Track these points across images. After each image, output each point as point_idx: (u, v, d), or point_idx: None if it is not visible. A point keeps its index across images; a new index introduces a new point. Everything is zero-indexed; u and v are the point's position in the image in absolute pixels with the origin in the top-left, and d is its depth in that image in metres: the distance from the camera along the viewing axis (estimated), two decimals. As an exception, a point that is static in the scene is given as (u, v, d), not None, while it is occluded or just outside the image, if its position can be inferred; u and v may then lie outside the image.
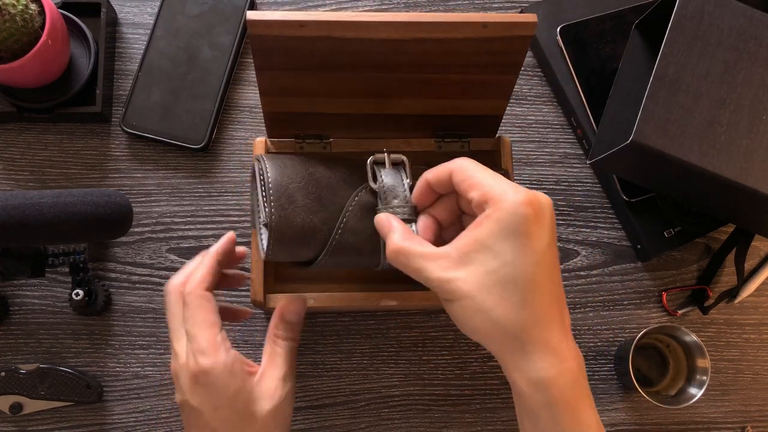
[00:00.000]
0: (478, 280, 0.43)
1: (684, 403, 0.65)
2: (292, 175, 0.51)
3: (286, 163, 0.52)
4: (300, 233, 0.51)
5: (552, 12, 0.74)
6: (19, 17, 0.60)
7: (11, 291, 0.69)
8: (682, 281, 0.73)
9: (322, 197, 0.52)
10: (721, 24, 0.58)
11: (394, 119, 0.61)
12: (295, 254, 0.52)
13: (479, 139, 0.63)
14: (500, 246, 0.42)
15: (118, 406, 0.68)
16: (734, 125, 0.57)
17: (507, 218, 0.42)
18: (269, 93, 0.56)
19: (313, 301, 0.58)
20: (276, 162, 0.52)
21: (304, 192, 0.51)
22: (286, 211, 0.50)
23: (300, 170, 0.52)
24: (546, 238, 0.43)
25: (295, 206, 0.50)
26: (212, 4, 0.73)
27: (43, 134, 0.71)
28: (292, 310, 0.53)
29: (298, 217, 0.50)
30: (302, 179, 0.52)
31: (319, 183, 0.52)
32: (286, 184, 0.51)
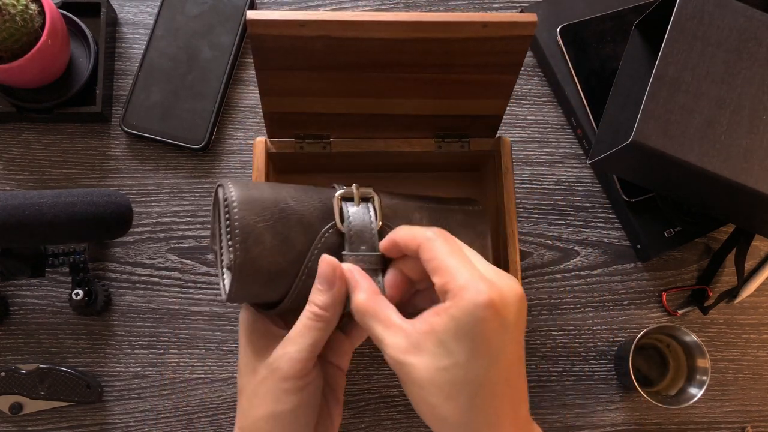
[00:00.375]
0: (429, 374, 0.41)
1: (684, 403, 0.65)
2: (261, 212, 0.47)
3: (255, 198, 0.47)
4: (266, 277, 0.47)
5: (552, 12, 0.74)
6: (19, 17, 0.60)
7: (11, 291, 0.69)
8: (682, 281, 0.73)
9: (289, 237, 0.47)
10: (721, 24, 0.58)
11: (394, 119, 0.61)
12: (258, 297, 0.49)
13: (479, 139, 0.63)
14: (454, 345, 0.41)
15: (118, 406, 0.68)
16: (734, 125, 0.57)
17: (463, 319, 0.40)
18: (269, 93, 0.56)
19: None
20: (245, 195, 0.47)
21: (273, 232, 0.47)
22: (251, 254, 0.46)
23: (269, 205, 0.47)
24: (506, 340, 0.41)
25: (263, 248, 0.46)
26: (212, 4, 0.73)
27: (43, 134, 0.71)
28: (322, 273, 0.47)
29: (265, 260, 0.46)
30: (271, 216, 0.47)
31: (289, 221, 0.47)
32: (254, 224, 0.46)
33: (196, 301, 0.69)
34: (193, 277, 0.70)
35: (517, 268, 0.61)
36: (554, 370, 0.71)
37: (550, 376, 0.71)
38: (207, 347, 0.69)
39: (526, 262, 0.72)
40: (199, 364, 0.69)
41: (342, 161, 0.65)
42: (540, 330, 0.71)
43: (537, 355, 0.71)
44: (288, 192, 0.49)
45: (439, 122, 0.61)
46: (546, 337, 0.71)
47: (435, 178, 0.70)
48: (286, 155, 0.63)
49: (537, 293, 0.72)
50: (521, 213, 0.73)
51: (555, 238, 0.73)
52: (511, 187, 0.62)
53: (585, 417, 0.70)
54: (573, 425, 0.70)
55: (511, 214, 0.61)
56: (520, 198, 0.73)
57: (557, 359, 0.71)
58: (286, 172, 0.67)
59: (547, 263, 0.72)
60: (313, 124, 0.60)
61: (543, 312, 0.72)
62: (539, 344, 0.71)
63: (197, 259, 0.70)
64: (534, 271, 0.72)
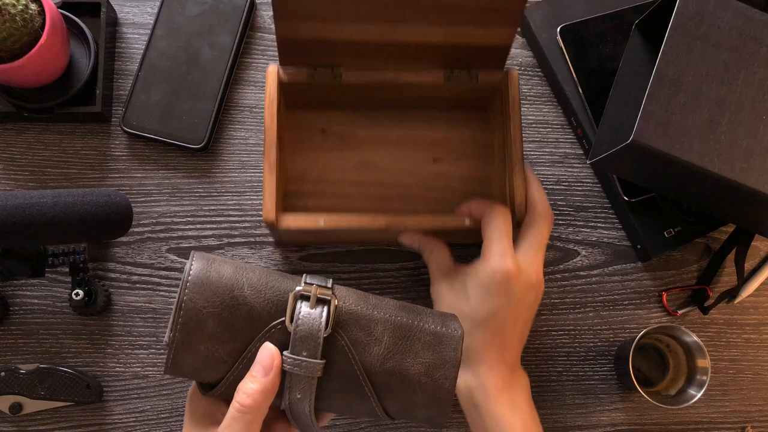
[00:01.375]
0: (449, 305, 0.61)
1: (684, 403, 0.65)
2: (212, 297, 0.47)
3: (210, 281, 0.48)
4: (200, 362, 0.48)
5: (552, 12, 0.74)
6: (19, 17, 0.60)
7: (11, 291, 0.69)
8: (682, 281, 0.73)
9: (234, 327, 0.47)
10: (721, 24, 0.58)
11: (403, 49, 0.62)
12: (193, 376, 0.49)
13: (488, 72, 0.64)
14: (470, 290, 0.59)
15: (118, 406, 0.68)
16: (734, 125, 0.57)
17: (483, 276, 0.58)
18: (284, 16, 0.57)
19: (323, 222, 0.60)
20: (201, 277, 0.48)
21: (217, 320, 0.47)
22: (190, 338, 0.47)
23: (222, 292, 0.48)
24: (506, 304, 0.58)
25: (202, 334, 0.47)
26: (212, 4, 0.73)
27: (43, 134, 0.71)
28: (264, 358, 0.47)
29: (202, 345, 0.47)
30: (221, 303, 0.47)
31: (238, 310, 0.48)
32: (201, 308, 0.47)
33: (196, 301, 0.69)
34: (193, 277, 0.70)
35: (522, 193, 0.62)
36: (554, 370, 0.71)
37: (550, 376, 0.71)
38: (207, 347, 0.69)
39: (526, 262, 0.72)
40: (199, 364, 0.69)
41: (351, 96, 0.67)
42: (540, 330, 0.71)
43: (537, 355, 0.71)
44: (249, 279, 0.49)
45: (447, 53, 0.62)
46: (546, 337, 0.71)
47: (443, 117, 0.71)
48: (297, 87, 0.64)
49: (537, 293, 0.72)
50: (521, 213, 0.73)
51: (555, 238, 0.73)
52: (518, 116, 0.63)
53: (585, 417, 0.70)
54: (573, 425, 0.70)
55: (517, 143, 0.63)
56: (520, 198, 0.73)
57: (557, 359, 0.71)
58: (295, 107, 0.69)
59: (547, 263, 0.72)
60: (326, 53, 0.61)
61: (543, 312, 0.72)
62: (539, 344, 0.71)
63: (197, 259, 0.70)
64: (534, 271, 0.72)
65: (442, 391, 0.50)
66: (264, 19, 0.75)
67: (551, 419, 0.70)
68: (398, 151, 0.70)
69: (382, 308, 0.51)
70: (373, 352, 0.49)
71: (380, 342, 0.50)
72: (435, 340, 0.51)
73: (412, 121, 0.71)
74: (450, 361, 0.50)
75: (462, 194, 0.70)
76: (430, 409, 0.50)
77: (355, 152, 0.70)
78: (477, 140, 0.71)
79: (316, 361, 0.47)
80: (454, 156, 0.71)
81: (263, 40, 0.74)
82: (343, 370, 0.49)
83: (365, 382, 0.49)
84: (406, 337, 0.50)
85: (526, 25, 0.74)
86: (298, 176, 0.69)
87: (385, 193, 0.70)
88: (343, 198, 0.69)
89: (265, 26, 0.75)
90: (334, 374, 0.49)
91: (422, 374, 0.50)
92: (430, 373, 0.50)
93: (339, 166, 0.70)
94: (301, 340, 0.47)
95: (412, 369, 0.50)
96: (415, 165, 0.70)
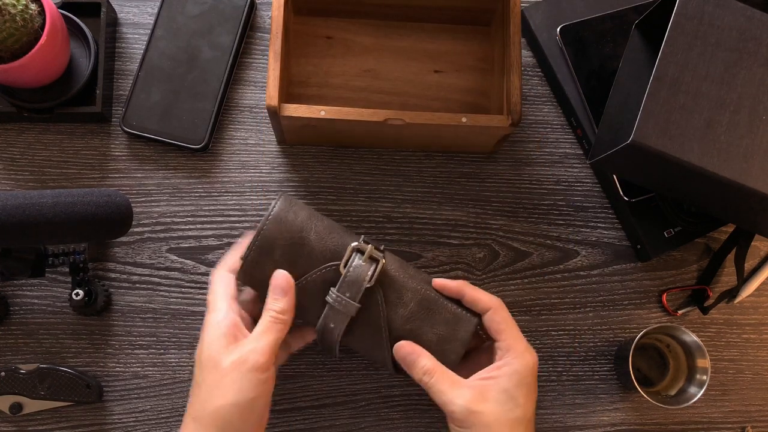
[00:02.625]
0: (496, 415, 0.55)
1: (684, 403, 0.65)
2: (284, 232, 0.59)
3: (287, 220, 0.59)
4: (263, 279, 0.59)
5: (552, 12, 0.74)
6: (19, 17, 0.60)
7: (11, 291, 0.69)
8: (682, 281, 0.73)
9: (295, 260, 0.58)
10: (721, 24, 0.58)
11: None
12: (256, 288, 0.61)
13: None
14: (515, 391, 0.56)
15: (118, 406, 0.68)
16: (734, 125, 0.57)
17: (524, 372, 0.57)
18: None
19: (323, 112, 0.62)
20: (281, 215, 0.59)
21: (283, 251, 0.58)
22: (260, 258, 0.58)
23: (295, 230, 0.59)
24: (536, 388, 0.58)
25: (269, 258, 0.58)
26: (212, 4, 0.73)
27: (43, 134, 0.71)
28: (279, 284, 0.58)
29: (267, 268, 0.58)
30: (290, 239, 0.58)
31: (302, 248, 0.59)
32: (274, 239, 0.58)
33: (196, 301, 0.69)
34: (193, 277, 0.70)
35: (519, 93, 0.64)
36: (554, 370, 0.71)
37: (550, 376, 0.71)
38: (207, 347, 0.69)
39: (526, 262, 0.72)
40: (199, 364, 0.69)
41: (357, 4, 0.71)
42: (540, 330, 0.71)
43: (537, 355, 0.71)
44: (317, 226, 0.60)
45: None
46: (546, 337, 0.71)
47: (446, 30, 0.74)
48: None
49: (537, 293, 0.72)
50: (521, 213, 0.73)
51: (555, 238, 0.73)
52: (518, 20, 0.66)
53: (585, 417, 0.70)
54: (573, 425, 0.70)
55: (516, 45, 0.65)
56: (520, 198, 0.73)
57: (557, 359, 0.71)
58: (302, 13, 0.73)
59: (547, 263, 0.72)
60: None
61: (543, 312, 0.72)
62: (539, 344, 0.71)
63: (197, 259, 0.70)
64: (534, 271, 0.72)
65: (447, 362, 0.58)
66: (264, 19, 0.75)
67: (551, 419, 0.70)
68: (401, 60, 0.74)
69: (416, 279, 0.60)
70: (399, 312, 0.59)
71: (407, 306, 0.59)
72: (453, 319, 0.60)
73: (415, 33, 0.74)
74: (461, 339, 0.59)
75: (461, 105, 0.73)
76: None
77: (358, 59, 0.73)
78: (478, 54, 0.74)
79: (355, 303, 0.58)
80: (455, 68, 0.74)
81: (263, 40, 0.74)
82: (371, 319, 0.59)
83: (386, 334, 0.59)
84: (429, 309, 0.59)
85: (526, 25, 0.74)
86: (303, 80, 0.73)
87: (386, 100, 0.73)
88: (344, 102, 0.72)
89: (265, 26, 0.75)
90: (364, 320, 0.59)
91: (434, 342, 0.59)
92: (440, 344, 0.59)
93: (342, 72, 0.73)
94: (348, 284, 0.58)
95: (426, 336, 0.59)
96: (417, 75, 0.73)
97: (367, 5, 0.71)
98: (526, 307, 0.71)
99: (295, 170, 0.72)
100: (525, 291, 0.72)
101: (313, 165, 0.72)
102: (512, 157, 0.74)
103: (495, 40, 0.72)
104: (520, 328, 0.70)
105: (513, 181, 0.73)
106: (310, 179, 0.72)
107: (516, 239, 0.72)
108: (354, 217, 0.72)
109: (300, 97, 0.72)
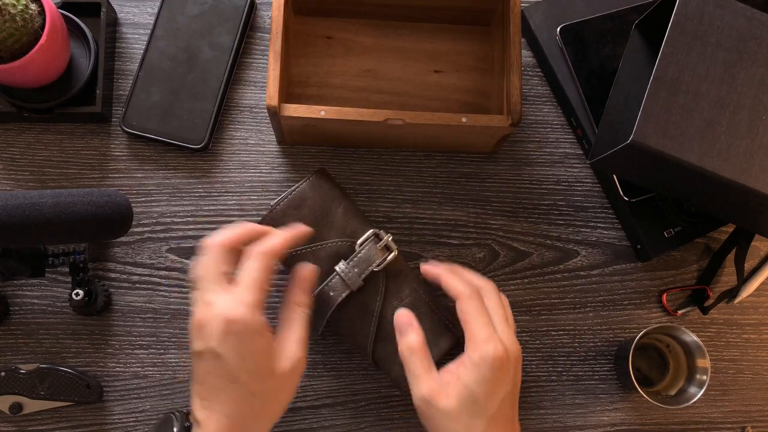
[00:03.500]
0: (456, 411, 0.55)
1: (684, 403, 0.65)
2: (317, 197, 0.64)
3: (323, 187, 0.65)
4: None
5: (552, 12, 0.74)
6: (19, 17, 0.60)
7: (11, 291, 0.69)
8: (682, 281, 0.73)
9: (316, 225, 0.63)
10: (721, 24, 0.58)
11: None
12: None
13: None
14: (476, 388, 0.55)
15: (118, 406, 0.68)
16: (734, 125, 0.57)
17: (483, 366, 0.55)
18: None
19: (323, 112, 0.62)
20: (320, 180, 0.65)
21: (310, 212, 0.64)
22: (288, 210, 0.64)
23: (326, 199, 0.64)
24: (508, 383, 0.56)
25: (295, 214, 0.63)
26: (212, 4, 0.73)
27: (43, 134, 0.71)
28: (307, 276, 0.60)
29: (290, 222, 0.62)
30: (320, 205, 0.64)
31: (327, 217, 0.64)
32: (306, 197, 0.64)
33: (196, 301, 0.69)
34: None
35: (519, 93, 0.64)
36: (554, 370, 0.71)
37: (550, 376, 0.71)
38: (207, 347, 0.69)
39: (526, 262, 0.72)
40: (199, 364, 0.69)
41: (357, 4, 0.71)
42: (540, 330, 0.71)
43: (537, 355, 0.71)
44: (346, 205, 0.65)
45: None
46: (546, 337, 0.71)
47: (446, 30, 0.75)
48: None
49: (537, 293, 0.72)
50: (521, 213, 0.73)
51: (555, 238, 0.73)
52: (518, 20, 0.66)
53: (585, 417, 0.70)
54: (573, 425, 0.70)
55: (516, 45, 0.65)
56: (520, 198, 0.73)
57: (557, 359, 0.71)
58: (301, 14, 0.73)
59: (547, 263, 0.72)
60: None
61: (543, 312, 0.72)
62: (539, 344, 0.71)
63: (197, 259, 0.70)
64: (534, 271, 0.72)
65: None
66: (264, 19, 0.75)
67: (551, 419, 0.70)
68: (401, 60, 0.74)
69: (416, 281, 0.65)
70: (393, 304, 0.63)
71: (401, 301, 0.63)
72: (438, 326, 0.63)
73: (415, 33, 0.74)
74: (439, 346, 0.63)
75: (461, 105, 0.73)
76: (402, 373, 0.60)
77: (358, 59, 0.73)
78: (478, 54, 0.74)
79: (359, 280, 0.62)
80: (455, 68, 0.74)
81: (263, 40, 0.74)
82: (367, 304, 0.63)
83: (374, 322, 0.62)
84: (419, 309, 0.63)
85: (526, 25, 0.74)
86: (303, 80, 0.73)
87: (386, 100, 0.73)
88: (344, 102, 0.72)
89: (265, 26, 0.75)
90: (359, 302, 0.63)
91: None
92: None
93: (342, 72, 0.73)
94: (359, 260, 0.62)
95: None
96: (417, 75, 0.74)
97: (367, 5, 0.71)
98: (526, 307, 0.71)
99: (295, 170, 0.72)
100: (525, 291, 0.72)
101: (313, 165, 0.72)
102: (512, 157, 0.74)
103: (495, 40, 0.72)
104: (520, 328, 0.71)
105: (513, 181, 0.73)
106: (310, 179, 0.72)
107: (516, 239, 0.72)
108: (354, 217, 0.72)
109: (300, 97, 0.72)
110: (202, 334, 0.52)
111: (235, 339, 0.52)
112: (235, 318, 0.51)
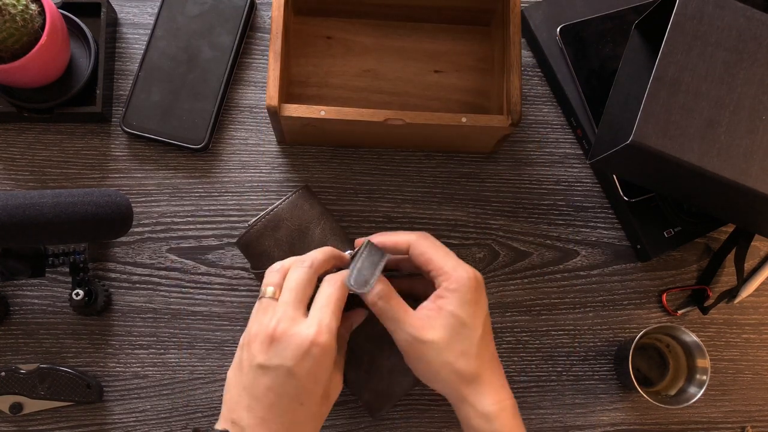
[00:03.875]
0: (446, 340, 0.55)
1: (684, 403, 0.65)
2: (294, 218, 0.63)
3: (302, 208, 0.63)
4: (259, 252, 0.63)
5: (552, 12, 0.74)
6: (19, 17, 0.60)
7: (11, 291, 0.69)
8: (682, 281, 0.73)
9: (294, 245, 0.62)
10: (721, 24, 0.58)
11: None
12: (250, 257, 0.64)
13: None
14: (460, 311, 0.56)
15: (118, 406, 0.68)
16: (734, 125, 0.57)
17: (462, 290, 0.56)
18: None
19: (323, 112, 0.62)
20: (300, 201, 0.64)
21: (287, 233, 0.63)
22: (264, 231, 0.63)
23: (304, 219, 0.63)
24: (484, 300, 0.58)
25: (272, 236, 0.63)
26: (212, 4, 0.73)
27: (43, 134, 0.71)
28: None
29: (267, 243, 0.63)
30: (297, 226, 0.63)
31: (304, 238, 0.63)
32: (283, 219, 0.63)
33: (196, 301, 0.69)
34: (193, 277, 0.70)
35: (519, 93, 0.64)
36: (554, 370, 0.71)
37: (550, 376, 0.71)
38: (207, 347, 0.69)
39: (526, 262, 0.72)
40: (199, 364, 0.69)
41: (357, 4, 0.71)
42: (540, 330, 0.71)
43: (537, 355, 0.71)
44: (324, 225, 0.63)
45: None
46: (546, 337, 0.71)
47: (445, 30, 0.75)
48: None
49: (537, 293, 0.72)
50: (521, 213, 0.73)
51: (555, 238, 0.73)
52: (518, 20, 0.66)
53: (585, 417, 0.70)
54: (573, 425, 0.70)
55: (515, 45, 0.65)
56: (520, 198, 0.73)
57: (557, 359, 0.71)
58: (301, 14, 0.73)
59: (546, 263, 0.72)
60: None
61: (543, 312, 0.72)
62: (539, 344, 0.71)
63: (197, 259, 0.70)
64: (534, 271, 0.72)
65: (391, 392, 0.61)
66: (264, 19, 0.75)
67: (551, 419, 0.70)
68: (401, 60, 0.74)
69: None
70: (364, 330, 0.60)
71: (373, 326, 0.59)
72: None
73: (415, 33, 0.74)
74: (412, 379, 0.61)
75: (461, 105, 0.73)
76: (373, 398, 0.62)
77: (358, 59, 0.74)
78: (478, 54, 0.75)
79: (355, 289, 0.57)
80: (455, 68, 0.74)
81: (263, 40, 0.74)
82: None
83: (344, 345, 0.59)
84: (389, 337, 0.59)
85: (526, 25, 0.74)
86: (303, 80, 0.73)
87: (386, 100, 0.73)
88: (344, 102, 0.73)
89: (265, 26, 0.75)
90: None
91: (385, 369, 0.61)
92: (391, 373, 0.61)
93: (342, 72, 0.73)
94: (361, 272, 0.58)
95: (381, 359, 0.61)
96: (417, 75, 0.74)
97: (367, 5, 0.71)
98: (526, 307, 0.71)
99: (295, 170, 0.72)
100: (525, 291, 0.72)
101: (313, 165, 0.72)
102: (512, 157, 0.74)
103: (495, 40, 0.72)
104: (520, 328, 0.71)
105: (513, 181, 0.73)
106: (310, 179, 0.72)
107: (516, 239, 0.72)
108: (354, 217, 0.72)
109: (300, 97, 0.72)
110: (276, 350, 0.52)
111: (313, 362, 0.52)
112: (320, 342, 0.52)
